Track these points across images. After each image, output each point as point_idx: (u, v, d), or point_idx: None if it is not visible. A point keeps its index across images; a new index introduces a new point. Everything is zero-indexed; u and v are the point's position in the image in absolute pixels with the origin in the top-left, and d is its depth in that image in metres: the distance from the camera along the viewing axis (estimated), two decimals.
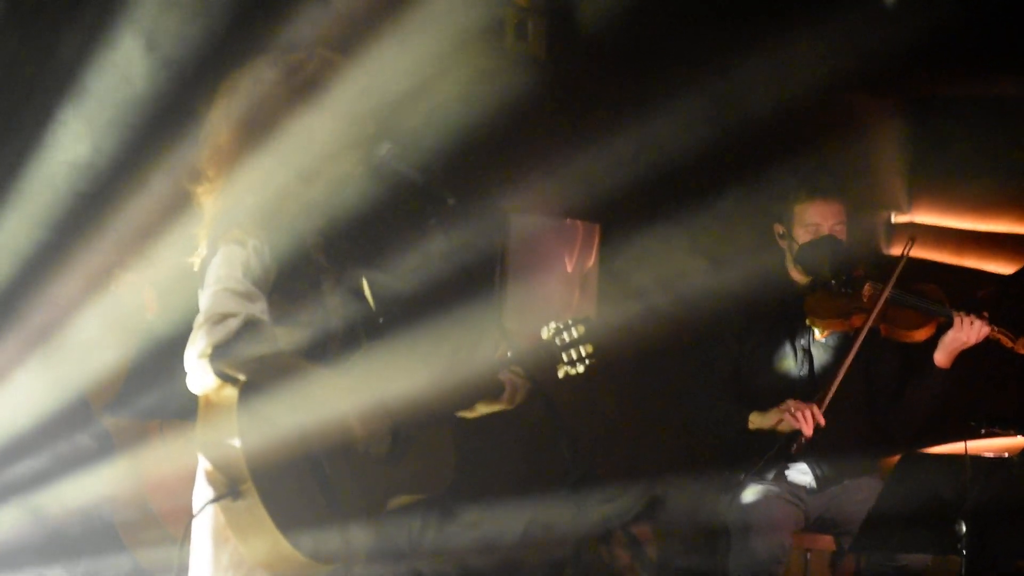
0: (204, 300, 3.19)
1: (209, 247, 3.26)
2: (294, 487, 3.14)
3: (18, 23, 4.22)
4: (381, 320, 3.46)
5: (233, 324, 3.10)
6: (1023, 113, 6.86)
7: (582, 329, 3.67)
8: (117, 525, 4.42)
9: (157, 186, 4.32)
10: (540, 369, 3.60)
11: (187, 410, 3.26)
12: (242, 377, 3.12)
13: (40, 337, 4.30)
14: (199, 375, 3.13)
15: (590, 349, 3.67)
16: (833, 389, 4.77)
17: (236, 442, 3.09)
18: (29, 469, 4.26)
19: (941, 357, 4.87)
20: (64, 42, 4.29)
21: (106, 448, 4.43)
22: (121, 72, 4.32)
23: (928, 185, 7.19)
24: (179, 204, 3.45)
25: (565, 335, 3.67)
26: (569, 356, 3.67)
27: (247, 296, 3.15)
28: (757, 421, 4.86)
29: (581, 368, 3.68)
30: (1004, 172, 6.90)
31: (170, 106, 4.32)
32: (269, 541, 3.09)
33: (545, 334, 3.67)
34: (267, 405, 3.12)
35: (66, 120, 4.26)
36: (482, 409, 3.61)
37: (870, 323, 4.81)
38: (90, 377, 4.37)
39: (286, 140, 3.29)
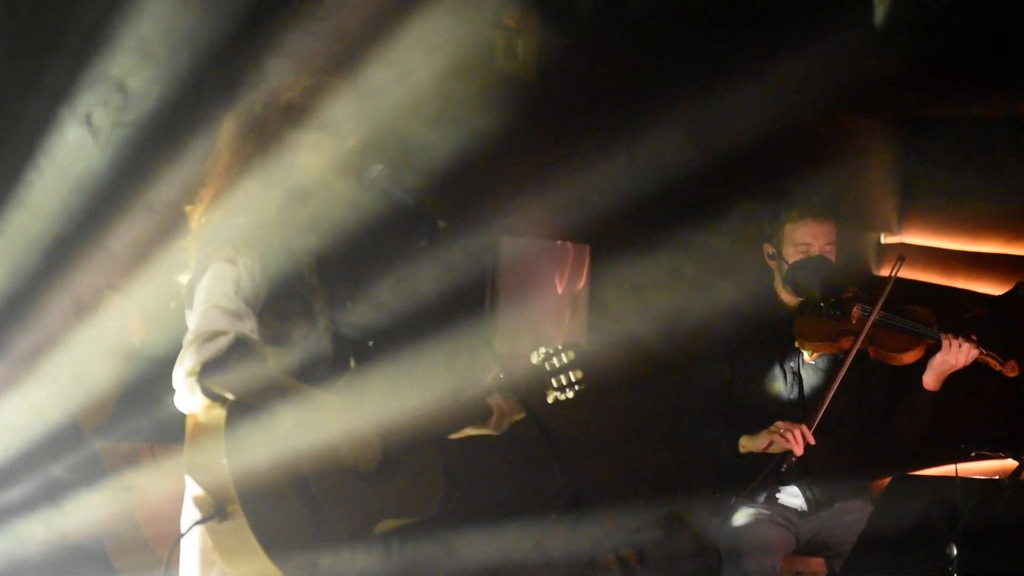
0: (194, 318, 3.18)
1: (198, 266, 3.26)
2: (281, 509, 3.13)
3: (7, 44, 4.22)
4: (370, 343, 3.46)
5: (223, 342, 3.09)
6: (1012, 134, 6.89)
7: (572, 355, 3.67)
8: (108, 549, 4.41)
9: (146, 209, 4.32)
10: (529, 394, 3.60)
11: (179, 433, 3.26)
12: (230, 396, 3.11)
13: (30, 359, 4.29)
14: (187, 394, 3.12)
15: (580, 375, 3.67)
16: (822, 410, 4.77)
17: (223, 462, 3.08)
18: (19, 492, 4.24)
19: (930, 380, 4.86)
20: (54, 62, 4.29)
21: (97, 471, 4.41)
22: (112, 96, 4.32)
23: (918, 206, 7.21)
24: (168, 227, 3.46)
25: (555, 360, 3.67)
26: (559, 381, 3.67)
27: (237, 314, 3.15)
28: (748, 444, 4.86)
29: (571, 394, 3.68)
30: (994, 193, 6.92)
31: (161, 129, 4.32)
32: (256, 563, 3.08)
33: (535, 359, 3.67)
34: (255, 425, 3.12)
35: (56, 143, 4.26)
36: (469, 432, 3.60)
37: (858, 346, 4.81)
38: (80, 399, 4.35)
39: (277, 161, 3.30)
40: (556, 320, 6.08)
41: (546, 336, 3.67)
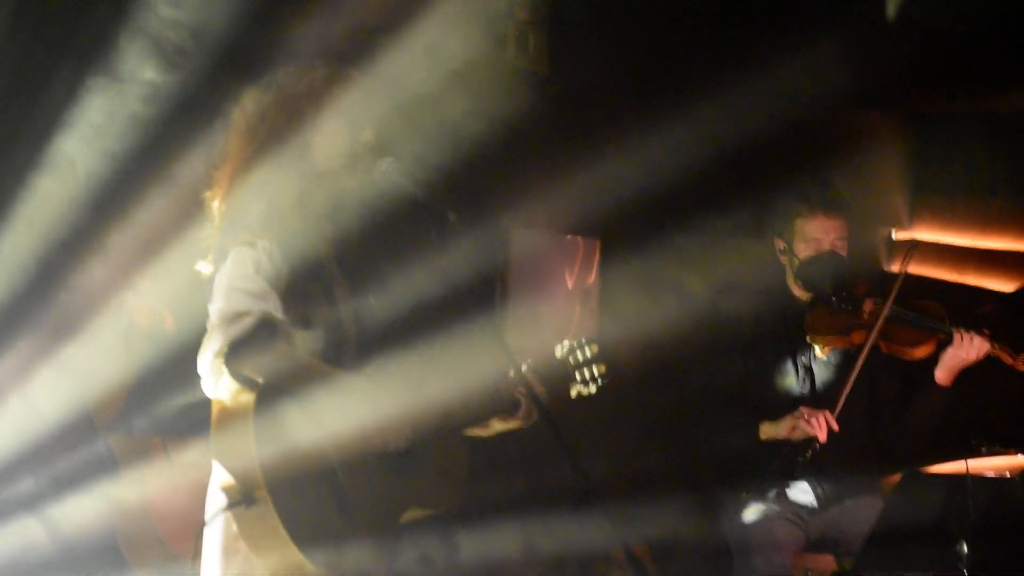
0: (217, 302, 3.19)
1: (218, 255, 3.27)
2: (308, 495, 3.15)
3: (21, 38, 4.22)
4: (390, 333, 3.46)
5: (248, 322, 3.11)
6: None
7: (595, 348, 3.67)
8: (120, 543, 4.39)
9: (164, 201, 4.32)
10: (553, 387, 3.61)
11: (191, 427, 3.26)
12: (259, 379, 3.11)
13: (45, 352, 4.28)
14: (215, 376, 3.13)
15: (603, 369, 3.68)
16: (843, 399, 4.76)
17: (252, 448, 3.09)
18: (32, 486, 4.23)
19: (942, 374, 4.86)
20: (66, 52, 4.29)
21: (109, 466, 4.40)
22: (126, 87, 4.32)
23: (929, 202, 7.20)
24: (186, 221, 3.46)
25: (579, 354, 3.67)
26: (582, 375, 3.67)
27: (260, 295, 3.16)
28: (769, 431, 4.85)
29: (594, 388, 3.69)
30: (1006, 189, 6.91)
31: (177, 123, 4.31)
32: (282, 550, 3.09)
33: (559, 352, 3.68)
34: (284, 410, 3.12)
35: (72, 132, 4.25)
36: (497, 427, 3.61)
37: (871, 340, 4.81)
38: (95, 393, 4.34)
39: (291, 150, 3.31)
40: (566, 314, 6.08)
41: (566, 333, 3.68)
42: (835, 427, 4.73)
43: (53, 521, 4.22)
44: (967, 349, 4.80)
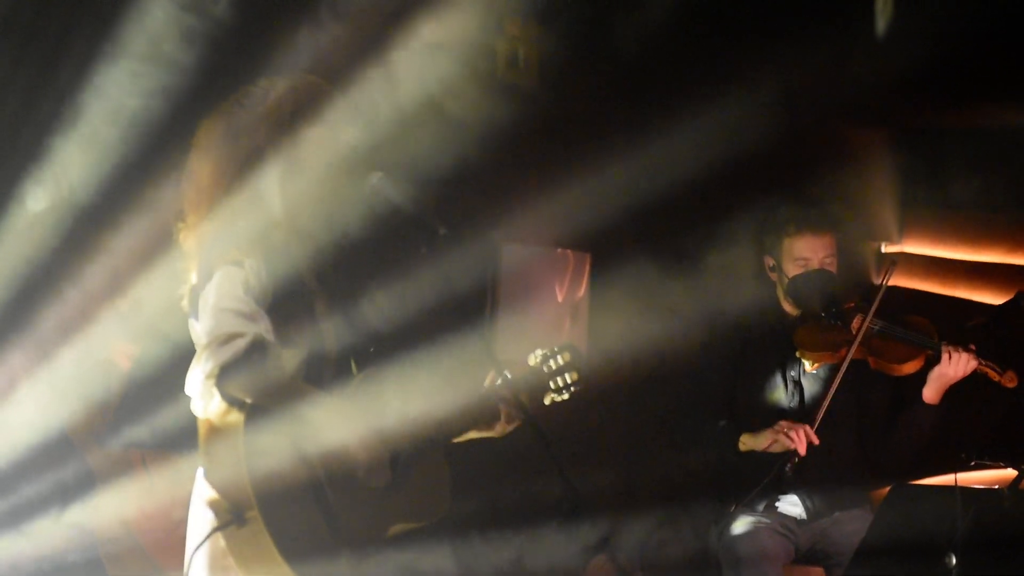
0: (206, 322, 3.17)
1: (202, 272, 3.24)
2: (298, 514, 3.14)
3: (10, 47, 4.22)
4: (372, 349, 3.46)
5: (240, 344, 3.09)
6: (1014, 144, 6.89)
7: (568, 356, 3.68)
8: (103, 558, 4.36)
9: (137, 230, 4.30)
10: (528, 396, 3.61)
11: (170, 441, 3.25)
12: (249, 399, 3.11)
13: (21, 372, 4.27)
14: (205, 397, 3.11)
15: (575, 376, 3.69)
16: (823, 411, 4.77)
17: (243, 467, 3.08)
18: (9, 504, 4.21)
19: (930, 393, 4.86)
20: (59, 63, 4.29)
21: (87, 482, 4.37)
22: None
23: (919, 216, 7.20)
24: (158, 250, 3.45)
25: (552, 362, 3.68)
26: (556, 383, 3.68)
27: (251, 316, 3.14)
28: (749, 443, 4.87)
29: (567, 395, 3.70)
30: (994, 203, 6.91)
31: (151, 156, 4.31)
32: (273, 570, 3.08)
33: (532, 361, 3.69)
34: (273, 430, 3.12)
35: (52, 153, 4.25)
36: (472, 435, 3.61)
37: (853, 350, 4.81)
38: (70, 411, 4.31)
39: (274, 167, 3.30)
40: (556, 328, 6.07)
41: (546, 344, 3.69)
42: (814, 440, 4.74)
43: (34, 537, 4.19)
44: (954, 366, 4.81)
